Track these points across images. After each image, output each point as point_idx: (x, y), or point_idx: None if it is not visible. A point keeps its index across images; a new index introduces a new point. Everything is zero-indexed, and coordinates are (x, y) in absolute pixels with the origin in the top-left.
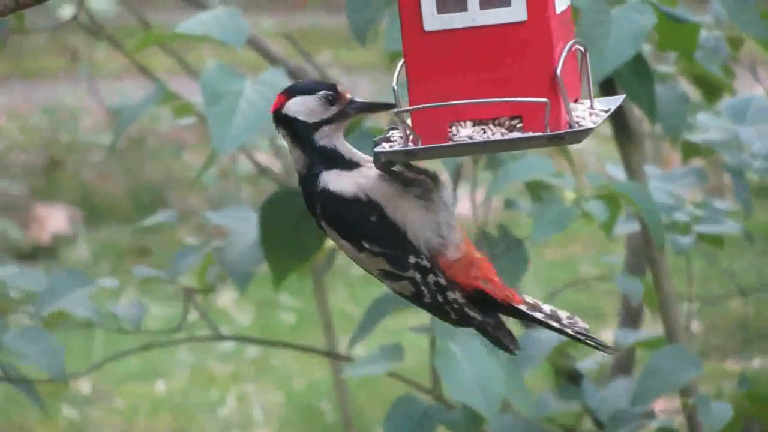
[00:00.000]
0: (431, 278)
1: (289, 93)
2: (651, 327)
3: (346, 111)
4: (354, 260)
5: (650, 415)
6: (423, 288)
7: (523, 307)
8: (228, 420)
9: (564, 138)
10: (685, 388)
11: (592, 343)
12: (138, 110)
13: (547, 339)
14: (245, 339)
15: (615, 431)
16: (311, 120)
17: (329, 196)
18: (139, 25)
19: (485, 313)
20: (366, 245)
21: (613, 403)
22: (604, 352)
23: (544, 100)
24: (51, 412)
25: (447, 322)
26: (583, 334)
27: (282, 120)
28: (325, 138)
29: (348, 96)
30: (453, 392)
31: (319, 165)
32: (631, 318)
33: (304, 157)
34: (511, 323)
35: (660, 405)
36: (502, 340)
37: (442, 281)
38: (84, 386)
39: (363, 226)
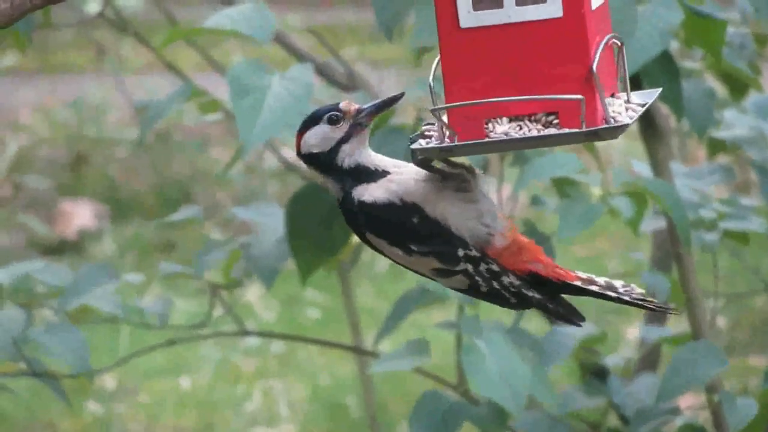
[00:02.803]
0: (483, 267)
1: (301, 131)
2: (676, 323)
3: (358, 123)
4: (406, 266)
5: (675, 411)
6: (477, 278)
7: (578, 283)
8: (253, 415)
9: (599, 134)
10: (711, 384)
11: (652, 306)
12: (165, 106)
13: (573, 334)
14: (270, 334)
15: (640, 427)
16: (327, 147)
17: (367, 208)
18: (166, 20)
19: (543, 292)
20: (414, 248)
21: (639, 399)
22: (667, 312)
23: (580, 96)
24: (76, 407)
25: (507, 307)
26: (642, 299)
27: (306, 159)
28: (347, 157)
29: (354, 107)
30: (478, 388)
31: (350, 184)
32: (656, 314)
33: (336, 183)
34: (536, 321)
35: (685, 401)
36: (564, 315)
37: (495, 267)
38: (109, 382)
39: (407, 229)
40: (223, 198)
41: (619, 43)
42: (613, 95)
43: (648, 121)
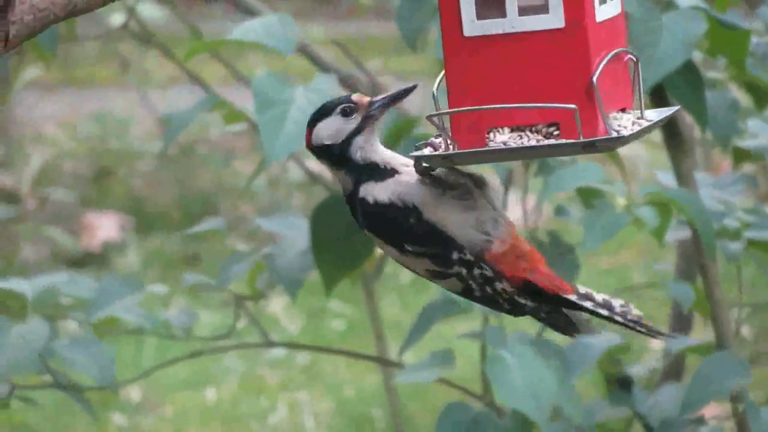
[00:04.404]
0: (477, 271)
1: (311, 123)
2: (701, 333)
3: (370, 114)
4: (402, 264)
5: (700, 421)
6: (471, 282)
7: (572, 297)
8: (278, 428)
9: (597, 145)
10: (735, 394)
11: (643, 330)
12: (188, 117)
13: (597, 344)
14: (295, 345)
15: None
16: (340, 139)
17: (367, 206)
18: (189, 33)
19: (537, 301)
20: (408, 247)
21: (663, 409)
22: (656, 337)
23: (573, 106)
24: (101, 420)
25: (501, 312)
26: (634, 322)
27: (317, 151)
28: (359, 150)
29: (367, 99)
30: (504, 399)
31: (360, 179)
32: (681, 324)
33: (348, 176)
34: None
35: (710, 411)
36: (558, 325)
37: (489, 273)
38: (134, 394)
39: (402, 229)
40: (248, 210)
41: (635, 59)
42: (624, 110)
43: (672, 131)
